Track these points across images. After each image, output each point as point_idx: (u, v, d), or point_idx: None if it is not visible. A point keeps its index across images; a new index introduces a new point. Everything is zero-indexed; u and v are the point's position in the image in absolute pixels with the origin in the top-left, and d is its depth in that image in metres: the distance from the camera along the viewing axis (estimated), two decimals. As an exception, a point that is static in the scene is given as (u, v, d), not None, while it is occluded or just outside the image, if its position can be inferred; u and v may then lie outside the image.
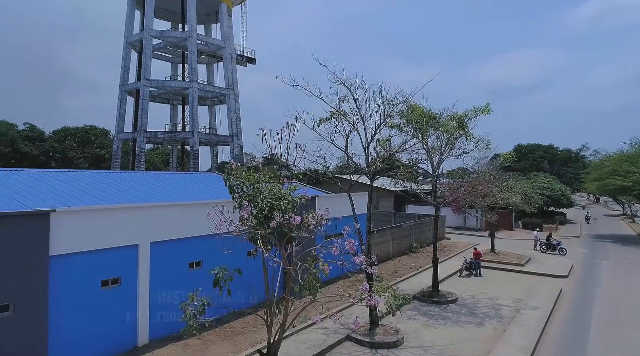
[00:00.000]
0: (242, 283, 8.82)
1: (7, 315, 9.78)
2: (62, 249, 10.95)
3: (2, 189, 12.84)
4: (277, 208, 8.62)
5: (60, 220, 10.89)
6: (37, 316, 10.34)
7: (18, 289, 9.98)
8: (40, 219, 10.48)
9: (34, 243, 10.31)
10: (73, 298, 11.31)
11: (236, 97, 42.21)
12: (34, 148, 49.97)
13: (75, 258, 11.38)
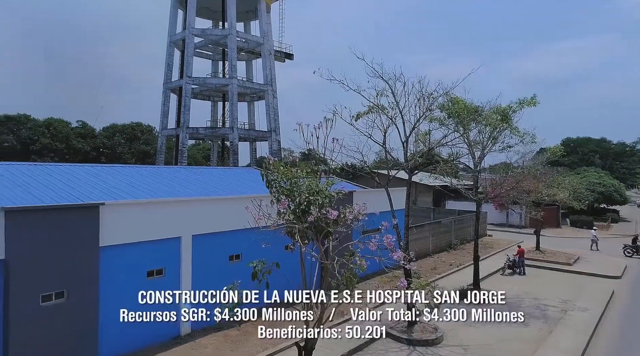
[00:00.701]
0: (280, 276, 8.92)
1: (62, 301, 10.43)
2: (110, 240, 11.53)
3: (58, 183, 13.64)
4: (315, 203, 8.64)
5: (109, 213, 11.46)
6: (89, 303, 10.95)
7: (72, 278, 10.60)
8: (91, 211, 11.07)
9: (86, 234, 10.91)
10: (121, 287, 11.89)
11: (274, 93, 42.69)
12: (86, 144, 52.82)
13: (123, 249, 11.94)
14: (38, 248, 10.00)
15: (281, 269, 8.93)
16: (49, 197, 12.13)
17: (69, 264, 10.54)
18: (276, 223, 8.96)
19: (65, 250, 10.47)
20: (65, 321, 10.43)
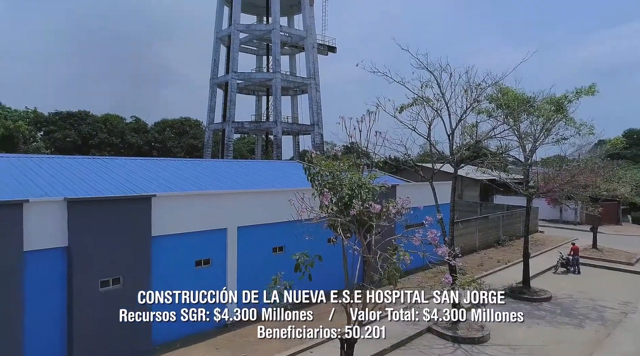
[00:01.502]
0: (322, 269, 8.99)
1: (118, 287, 11.10)
2: (162, 230, 12.09)
3: (114, 175, 14.45)
4: (357, 196, 8.61)
5: (160, 204, 12.01)
6: (142, 287, 11.53)
7: (127, 265, 11.24)
8: (144, 203, 11.65)
9: (139, 224, 11.50)
10: (171, 275, 12.47)
11: (317, 87, 42.79)
12: (139, 139, 55.53)
13: (173, 239, 12.49)
14: (97, 237, 10.68)
15: (323, 262, 9.00)
16: (106, 189, 12.88)
17: (124, 252, 11.18)
18: (319, 216, 9.02)
19: (120, 239, 11.10)
20: (120, 305, 11.07)
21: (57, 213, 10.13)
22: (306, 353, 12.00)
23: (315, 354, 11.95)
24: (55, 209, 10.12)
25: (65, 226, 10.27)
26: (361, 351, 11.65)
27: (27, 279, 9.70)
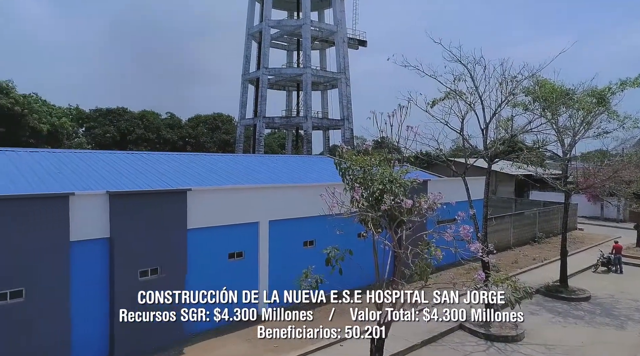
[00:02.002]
0: (352, 263, 9.05)
1: (156, 277, 11.56)
2: (196, 223, 12.47)
3: (151, 169, 14.97)
4: (388, 191, 8.59)
5: (195, 198, 12.38)
6: (178, 279, 12.00)
7: (164, 256, 11.68)
8: (179, 196, 12.05)
9: (176, 216, 11.91)
10: (205, 267, 12.85)
11: (347, 81, 42.63)
12: (174, 134, 57.12)
13: (207, 232, 12.86)
14: (136, 229, 11.14)
15: (354, 256, 9.05)
16: (144, 183, 13.38)
17: (162, 244, 11.61)
18: (349, 210, 9.07)
19: (158, 231, 11.53)
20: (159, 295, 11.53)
21: (99, 206, 10.64)
22: (336, 346, 12.12)
23: (345, 348, 12.06)
24: (98, 201, 10.63)
25: (107, 218, 10.77)
26: (391, 346, 11.67)
27: (73, 268, 10.25)
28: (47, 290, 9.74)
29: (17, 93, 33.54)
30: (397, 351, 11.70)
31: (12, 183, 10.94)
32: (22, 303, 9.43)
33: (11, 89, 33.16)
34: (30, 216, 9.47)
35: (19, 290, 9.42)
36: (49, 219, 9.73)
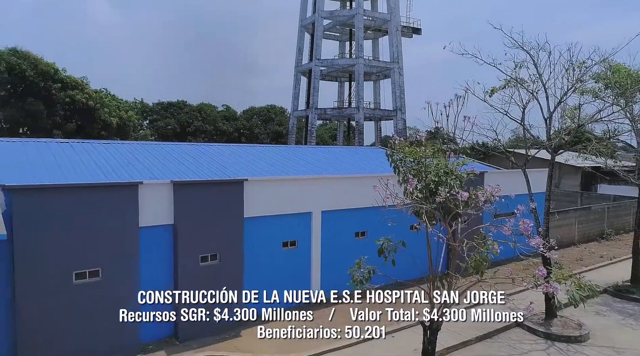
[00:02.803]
0: (405, 255, 9.02)
1: (215, 263, 12.19)
2: (252, 212, 12.95)
3: (209, 160, 15.68)
4: (443, 183, 8.45)
5: (251, 188, 12.84)
6: (236, 265, 12.57)
7: (222, 243, 12.27)
8: (237, 186, 12.55)
9: (233, 205, 12.44)
10: (261, 254, 13.34)
11: (400, 71, 41.83)
12: (229, 126, 59.11)
13: (263, 221, 13.32)
14: (197, 216, 11.78)
15: (406, 248, 9.02)
16: (204, 173, 14.07)
17: (220, 231, 12.20)
18: (403, 202, 9.02)
19: (217, 219, 12.12)
20: (217, 280, 12.16)
21: (165, 194, 11.36)
22: (389, 336, 12.16)
23: (397, 338, 12.07)
24: (163, 190, 11.35)
25: (172, 206, 11.48)
26: (444, 340, 11.53)
27: (142, 251, 11.06)
28: (119, 271, 10.61)
29: (90, 89, 36.25)
30: (450, 345, 11.55)
31: (90, 172, 11.93)
32: (99, 282, 10.35)
33: (85, 85, 35.89)
34: (105, 203, 10.33)
35: (96, 270, 10.34)
36: (121, 206, 10.56)
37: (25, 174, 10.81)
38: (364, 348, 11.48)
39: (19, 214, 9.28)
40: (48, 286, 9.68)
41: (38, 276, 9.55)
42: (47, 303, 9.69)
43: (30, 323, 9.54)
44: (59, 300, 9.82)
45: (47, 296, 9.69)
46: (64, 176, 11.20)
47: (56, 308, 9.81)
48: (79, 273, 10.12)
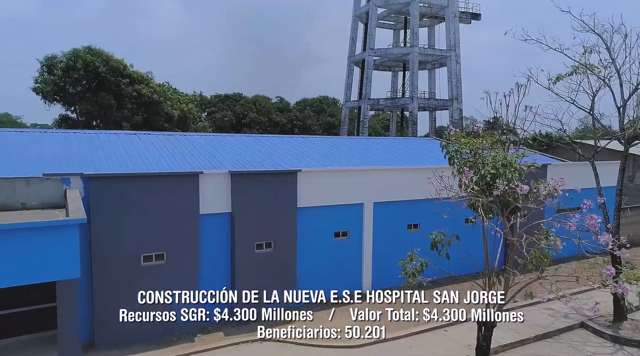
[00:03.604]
0: (459, 249, 8.84)
1: (270, 251, 12.62)
2: (305, 202, 13.21)
3: (263, 150, 16.14)
4: (501, 176, 8.15)
5: (305, 178, 13.09)
6: (290, 253, 12.92)
7: (277, 232, 12.66)
8: (290, 177, 12.85)
9: (287, 195, 12.76)
10: (313, 243, 13.60)
11: (457, 59, 40.29)
12: (283, 117, 60.14)
13: (315, 211, 13.55)
14: (253, 205, 12.23)
15: (461, 242, 8.82)
16: (259, 163, 14.52)
17: (274, 220, 12.58)
18: (458, 195, 8.81)
19: (272, 208, 12.51)
20: (273, 265, 12.61)
21: (223, 183, 11.90)
22: (440, 331, 12.01)
23: (449, 333, 11.89)
24: (222, 180, 11.89)
25: (229, 195, 12.00)
26: (500, 337, 11.20)
27: (202, 238, 11.69)
28: (182, 255, 11.30)
29: (155, 83, 38.37)
30: (506, 343, 11.20)
31: (155, 162, 12.74)
32: (164, 265, 11.10)
33: (150, 80, 38.03)
34: (169, 191, 11.02)
35: (161, 253, 11.10)
36: (183, 194, 11.21)
37: (100, 163, 11.77)
38: (417, 339, 11.43)
39: (94, 200, 10.15)
40: (120, 267, 10.54)
41: (111, 257, 10.42)
42: (119, 282, 10.55)
43: (104, 301, 10.45)
44: (129, 280, 10.65)
45: (119, 275, 10.55)
46: (133, 166, 12.05)
47: (126, 288, 10.65)
48: (146, 256, 10.92)
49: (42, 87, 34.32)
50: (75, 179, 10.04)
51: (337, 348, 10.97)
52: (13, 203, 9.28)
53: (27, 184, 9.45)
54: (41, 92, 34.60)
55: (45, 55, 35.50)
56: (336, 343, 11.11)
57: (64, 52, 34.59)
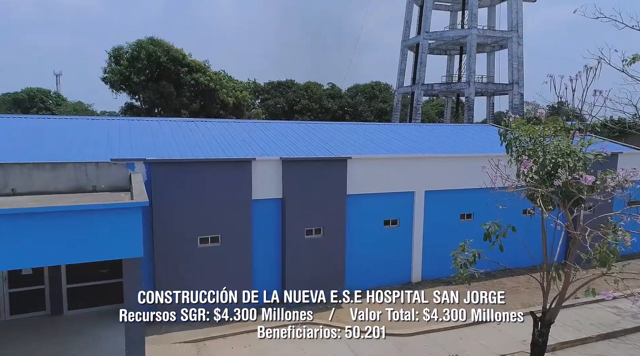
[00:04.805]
0: (515, 241, 8.47)
1: (319, 237, 12.79)
2: (354, 189, 13.22)
3: (315, 137, 16.24)
4: (564, 166, 7.65)
5: (354, 165, 13.08)
6: (338, 240, 13.03)
7: (326, 218, 12.80)
8: (340, 164, 12.89)
9: (337, 182, 12.84)
10: (362, 231, 13.62)
11: (519, 40, 37.97)
12: (334, 104, 60.06)
13: (364, 198, 13.54)
14: (303, 191, 12.43)
15: (517, 234, 8.45)
16: (309, 150, 14.64)
17: (324, 207, 12.72)
18: (515, 184, 8.40)
19: (321, 195, 12.64)
20: (323, 250, 12.81)
21: (274, 170, 12.18)
22: (494, 324, 11.66)
23: (502, 327, 11.52)
24: (273, 166, 12.17)
25: (280, 181, 12.27)
26: (558, 334, 10.71)
27: (254, 222, 12.09)
28: (235, 238, 11.76)
29: (211, 71, 39.70)
30: (565, 340, 10.68)
31: (211, 149, 13.25)
32: (219, 247, 11.63)
33: (207, 68, 39.39)
34: (224, 176, 11.47)
35: (216, 236, 11.62)
36: (237, 179, 11.63)
37: (160, 149, 12.43)
38: (467, 332, 11.19)
39: (156, 184, 10.79)
40: (178, 247, 11.17)
41: (170, 238, 11.07)
42: (178, 262, 11.20)
43: (165, 278, 11.15)
44: (187, 260, 11.29)
45: (178, 256, 11.20)
46: (191, 152, 12.62)
47: (184, 267, 11.30)
48: (203, 238, 11.49)
49: (110, 77, 36.66)
50: (138, 164, 10.71)
51: (387, 335, 10.98)
52: (85, 185, 10.09)
53: (97, 168, 10.21)
54: (109, 82, 36.99)
55: (112, 46, 37.90)
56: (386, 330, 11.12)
57: (129, 43, 36.62)
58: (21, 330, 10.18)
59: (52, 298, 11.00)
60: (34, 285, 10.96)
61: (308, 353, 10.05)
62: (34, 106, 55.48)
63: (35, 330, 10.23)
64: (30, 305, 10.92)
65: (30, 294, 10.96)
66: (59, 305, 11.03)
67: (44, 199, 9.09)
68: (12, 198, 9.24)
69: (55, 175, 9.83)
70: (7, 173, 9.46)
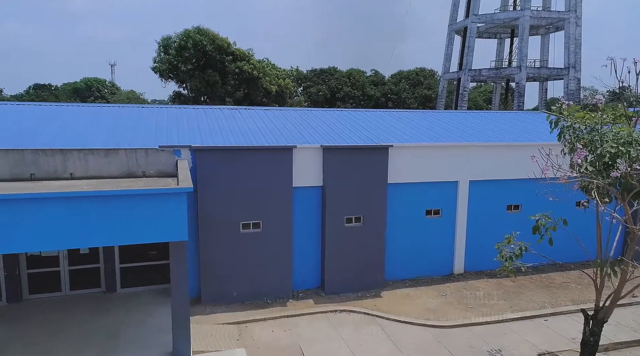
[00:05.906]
0: (566, 234, 8.04)
1: (359, 225, 12.75)
2: (396, 178, 13.01)
3: (356, 125, 16.08)
4: (623, 156, 7.13)
5: (396, 154, 12.86)
6: (379, 227, 12.93)
7: (366, 206, 12.71)
8: (382, 152, 12.71)
9: (377, 171, 12.68)
10: (403, 220, 13.42)
11: (578, 21, 35.52)
12: (377, 91, 59.15)
13: (406, 187, 13.30)
14: (343, 180, 12.38)
15: (569, 227, 8.01)
16: (350, 138, 14.52)
17: (365, 195, 12.62)
18: (567, 175, 7.94)
19: (361, 183, 12.55)
20: (363, 238, 12.77)
21: (315, 158, 12.21)
22: (540, 320, 11.24)
23: (549, 323, 11.06)
24: (314, 154, 12.20)
25: (320, 169, 12.29)
26: (612, 334, 10.17)
27: (295, 209, 12.22)
28: (276, 225, 11.96)
29: (255, 59, 40.19)
30: (619, 341, 10.11)
31: (254, 136, 13.47)
32: (260, 233, 11.88)
33: (251, 56, 39.90)
34: (266, 163, 11.65)
35: (258, 222, 11.86)
36: (279, 167, 11.77)
37: (206, 136, 12.78)
38: (512, 326, 10.84)
39: (201, 170, 11.13)
40: (221, 231, 11.52)
41: (214, 222, 11.42)
42: (221, 246, 11.56)
43: (209, 262, 11.56)
44: (229, 245, 11.62)
45: (221, 240, 11.55)
46: (234, 139, 12.88)
47: (227, 252, 11.65)
48: (245, 224, 11.76)
49: (159, 66, 38.01)
50: (184, 151, 11.08)
51: (427, 326, 10.86)
52: (135, 171, 10.58)
53: (146, 154, 10.67)
54: (158, 71, 38.37)
55: (162, 36, 39.16)
56: (426, 321, 11.00)
57: (177, 33, 37.71)
58: (80, 305, 10.95)
59: (106, 276, 11.73)
60: (91, 264, 11.74)
61: (346, 340, 10.12)
62: (91, 95, 58.73)
63: (91, 305, 10.97)
64: (87, 282, 11.71)
65: (87, 272, 11.74)
66: (112, 283, 11.75)
67: (98, 183, 9.64)
68: (70, 181, 9.86)
69: (109, 160, 10.38)
70: (67, 158, 10.10)
